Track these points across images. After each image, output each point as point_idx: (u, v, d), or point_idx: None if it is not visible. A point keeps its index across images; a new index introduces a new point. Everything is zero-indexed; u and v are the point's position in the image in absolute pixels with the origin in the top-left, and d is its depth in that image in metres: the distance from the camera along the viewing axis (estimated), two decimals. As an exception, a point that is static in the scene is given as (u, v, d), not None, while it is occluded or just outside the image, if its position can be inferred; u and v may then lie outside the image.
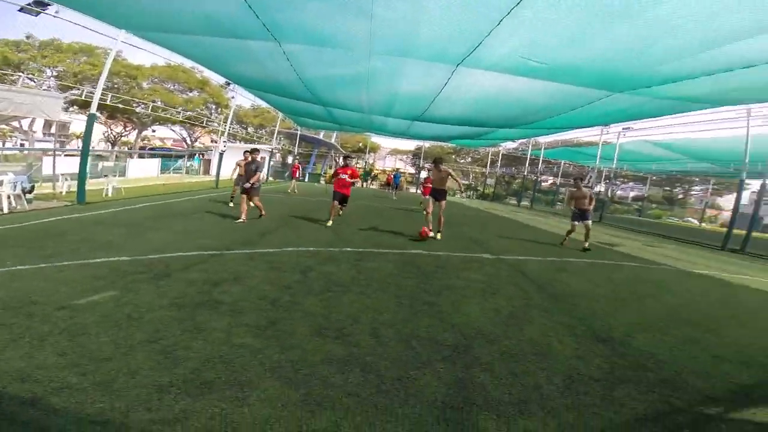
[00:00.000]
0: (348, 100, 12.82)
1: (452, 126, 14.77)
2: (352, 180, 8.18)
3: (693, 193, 37.88)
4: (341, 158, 11.71)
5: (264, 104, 20.11)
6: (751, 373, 2.92)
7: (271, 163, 26.67)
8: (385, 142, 40.07)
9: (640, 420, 2.15)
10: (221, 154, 15.51)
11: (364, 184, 30.54)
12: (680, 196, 36.96)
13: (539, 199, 25.33)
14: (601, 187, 21.53)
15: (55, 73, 25.41)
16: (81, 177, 8.73)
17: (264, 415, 1.90)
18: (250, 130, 36.58)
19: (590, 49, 6.18)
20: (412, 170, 40.25)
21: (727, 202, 30.66)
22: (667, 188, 37.19)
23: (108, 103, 17.53)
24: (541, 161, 24.71)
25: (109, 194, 10.53)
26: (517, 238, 9.39)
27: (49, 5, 7.92)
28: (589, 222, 8.23)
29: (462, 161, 41.66)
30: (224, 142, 15.64)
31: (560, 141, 22.63)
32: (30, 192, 8.25)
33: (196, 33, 7.83)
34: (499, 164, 30.48)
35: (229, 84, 15.27)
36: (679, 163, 19.16)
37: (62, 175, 10.50)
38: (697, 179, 30.39)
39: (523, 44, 6.25)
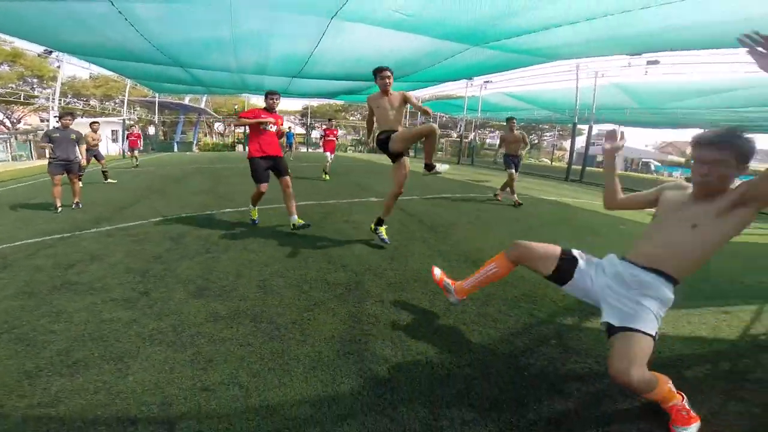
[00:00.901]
0: (213, 61, 11.45)
1: (333, 81, 14.47)
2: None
3: (545, 138, 44.99)
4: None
5: (108, 72, 16.74)
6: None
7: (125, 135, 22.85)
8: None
9: (513, 334, 2.40)
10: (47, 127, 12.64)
11: (246, 147, 28.44)
12: (536, 141, 43.26)
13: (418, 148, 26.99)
14: (472, 135, 23.79)
15: None
16: None
17: (152, 380, 1.79)
18: (93, 102, 30.35)
19: (451, 2, 6.55)
20: (301, 130, 38.78)
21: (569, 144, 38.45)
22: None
23: None
24: (418, 114, 25.98)
25: None
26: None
27: None
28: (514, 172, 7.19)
29: (352, 118, 41.49)
30: (57, 118, 12.67)
31: (434, 95, 23.95)
32: None
33: None
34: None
35: (50, 52, 12.35)
36: (530, 113, 22.09)
37: None
38: (547, 126, 35.90)
39: None
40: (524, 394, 1.80)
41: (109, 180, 8.81)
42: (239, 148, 28.82)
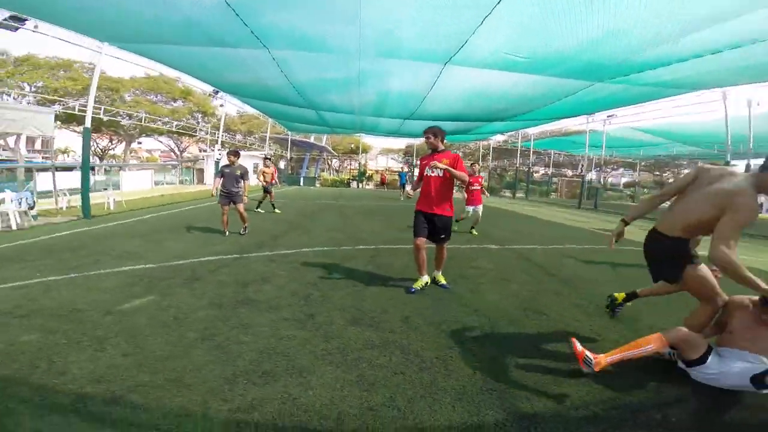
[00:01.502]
0: (339, 102, 12.98)
1: (443, 122, 15.04)
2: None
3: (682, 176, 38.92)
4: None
5: (252, 110, 20.14)
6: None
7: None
8: (376, 142, 40.27)
9: (659, 381, 2.38)
10: (218, 162, 15.54)
11: (360, 185, 30.66)
12: (671, 180, 37.82)
13: (533, 190, 25.78)
14: (593, 175, 21.91)
15: (34, 89, 25.05)
16: (84, 192, 8.77)
17: (328, 396, 2.08)
18: (239, 137, 36.46)
19: (570, 42, 6.42)
20: (403, 168, 40.50)
21: None
22: (657, 172, 38.10)
23: (98, 116, 17.40)
24: (531, 152, 25.12)
25: (111, 207, 10.56)
26: (519, 230, 9.65)
27: (27, 20, 7.78)
28: None
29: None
30: (219, 150, 15.67)
31: (549, 131, 23.00)
32: (32, 209, 8.26)
33: (179, 42, 7.86)
34: (490, 158, 30.87)
35: (217, 92, 15.38)
36: (664, 148, 19.70)
37: (60, 190, 10.49)
38: (685, 162, 31.36)
39: (507, 41, 6.53)
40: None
41: (276, 210, 10.58)
42: (353, 185, 31.13)
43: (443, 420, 1.93)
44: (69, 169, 16.92)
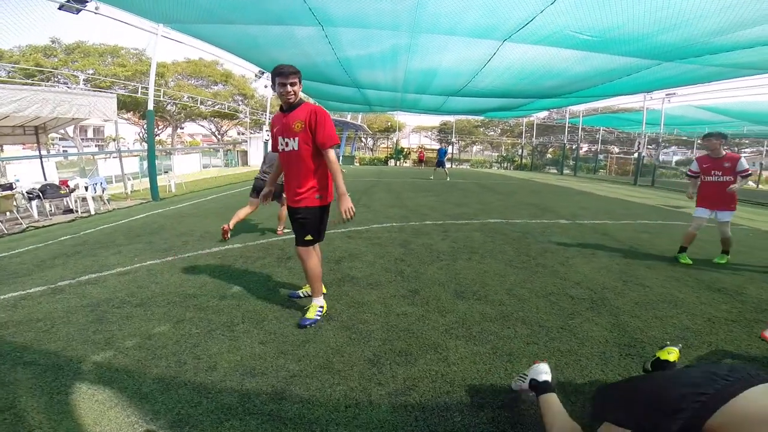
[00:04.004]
0: (384, 80, 12.79)
1: (491, 99, 14.54)
2: None
3: (744, 154, 36.15)
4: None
5: None
6: None
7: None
8: (410, 120, 39.69)
9: None
10: (266, 143, 15.89)
11: (397, 162, 30.47)
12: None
13: (581, 167, 24.71)
14: (651, 152, 20.57)
15: (85, 77, 26.27)
16: (152, 176, 9.22)
17: (474, 370, 2.09)
18: (277, 118, 36.88)
19: (643, 24, 6.02)
20: (437, 146, 39.87)
21: None
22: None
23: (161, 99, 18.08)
24: (580, 129, 23.94)
25: (173, 190, 11.09)
26: (583, 206, 9.31)
27: (88, 2, 7.87)
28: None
29: (492, 133, 40.87)
30: (267, 131, 16.02)
31: (599, 108, 21.80)
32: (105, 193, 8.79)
33: (233, 21, 7.81)
34: (534, 134, 29.73)
35: (263, 73, 15.47)
36: (731, 126, 18.21)
37: (125, 175, 11.10)
38: (747, 141, 28.86)
39: (576, 20, 6.16)
40: None
41: None
42: (390, 163, 30.98)
43: (599, 383, 1.96)
44: (134, 155, 17.77)
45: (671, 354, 1.82)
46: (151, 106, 9.49)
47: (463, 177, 17.86)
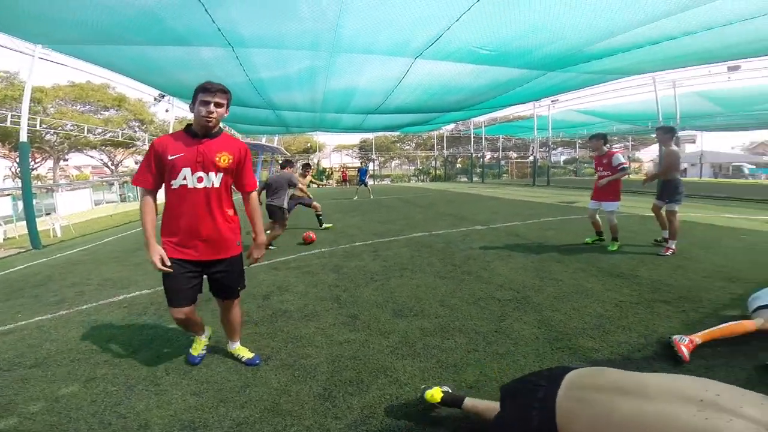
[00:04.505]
0: (301, 100, 12.67)
1: (405, 115, 15.24)
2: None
3: (614, 150, 43.13)
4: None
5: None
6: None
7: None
8: (330, 139, 39.62)
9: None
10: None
11: (319, 185, 30.03)
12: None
13: (487, 173, 26.99)
14: (543, 155, 23.34)
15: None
16: (30, 218, 7.79)
17: (420, 387, 2.12)
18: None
19: (533, 38, 6.93)
20: (358, 163, 40.45)
21: (644, 154, 37.45)
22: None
23: (37, 128, 15.49)
24: (483, 138, 26.24)
25: (59, 234, 9.54)
26: (495, 210, 10.09)
27: None
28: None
29: (407, 147, 42.66)
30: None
31: (498, 118, 24.16)
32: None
33: (129, 42, 7.23)
34: (444, 146, 31.75)
35: (163, 96, 14.31)
36: (601, 126, 21.47)
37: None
38: (615, 138, 34.48)
39: (477, 36, 6.82)
40: None
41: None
42: (312, 186, 30.41)
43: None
44: (4, 195, 14.95)
45: (434, 396, 1.88)
46: (24, 137, 8.13)
47: (386, 193, 18.33)
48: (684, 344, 2.27)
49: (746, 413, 0.84)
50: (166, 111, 16.11)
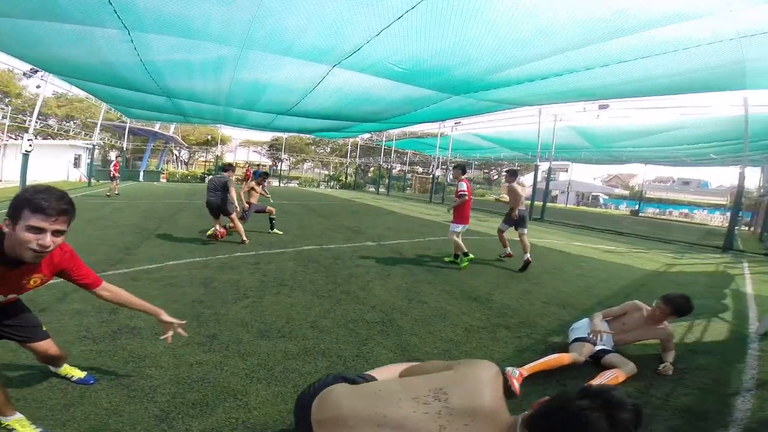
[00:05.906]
0: (202, 90, 11.77)
1: (318, 120, 15.18)
2: None
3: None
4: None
5: (82, 93, 16.36)
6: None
7: (88, 161, 22.06)
8: (238, 134, 37.24)
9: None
10: (26, 155, 12.04)
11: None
12: (495, 177, 46.27)
13: (393, 185, 28.14)
14: (441, 173, 25.16)
15: None
16: None
17: (276, 412, 2.14)
18: (52, 122, 28.91)
19: (440, 61, 7.58)
20: (268, 161, 38.81)
21: (528, 180, 42.69)
22: (486, 171, 46.43)
23: None
24: (393, 151, 27.34)
25: None
26: (389, 226, 10.56)
27: None
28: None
29: (322, 151, 42.22)
30: (29, 140, 12.17)
31: (408, 132, 25.42)
32: None
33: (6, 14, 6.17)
34: (357, 154, 32.24)
35: (35, 71, 12.18)
36: (494, 151, 24.11)
37: None
38: (505, 163, 38.89)
39: (393, 52, 7.22)
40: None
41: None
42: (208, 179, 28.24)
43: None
44: None
45: None
46: None
47: (290, 198, 17.90)
48: (515, 378, 2.42)
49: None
50: (38, 87, 13.81)
